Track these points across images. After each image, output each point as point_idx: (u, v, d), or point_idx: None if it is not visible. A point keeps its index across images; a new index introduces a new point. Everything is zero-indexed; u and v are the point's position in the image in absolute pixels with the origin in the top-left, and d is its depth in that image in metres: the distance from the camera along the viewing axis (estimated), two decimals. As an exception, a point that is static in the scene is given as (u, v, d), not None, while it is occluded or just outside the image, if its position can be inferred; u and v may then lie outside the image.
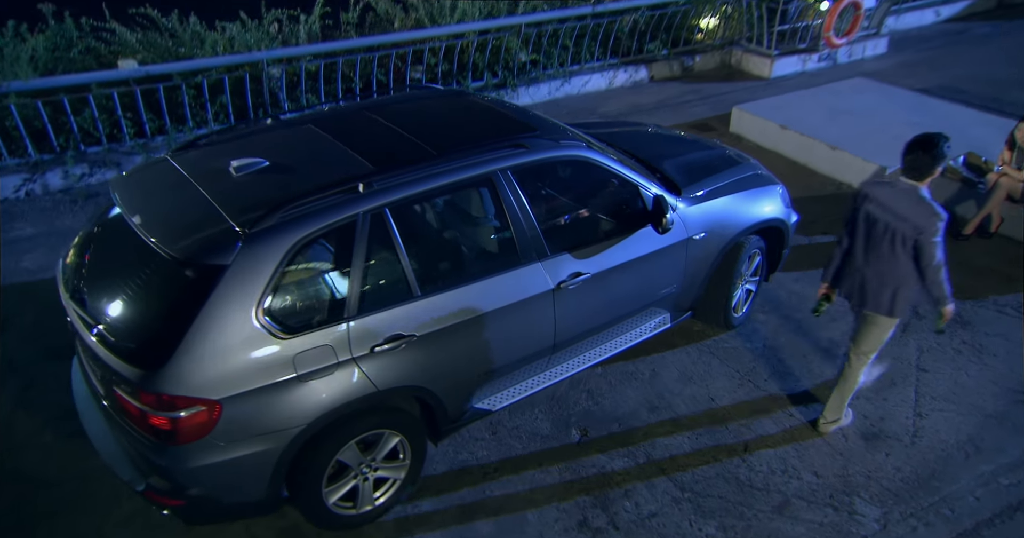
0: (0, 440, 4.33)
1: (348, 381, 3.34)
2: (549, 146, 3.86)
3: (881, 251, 3.76)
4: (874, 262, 3.80)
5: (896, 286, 3.77)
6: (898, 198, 3.68)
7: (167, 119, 7.31)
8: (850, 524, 3.77)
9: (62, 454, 4.23)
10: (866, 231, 3.81)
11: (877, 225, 3.75)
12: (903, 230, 3.65)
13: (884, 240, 3.73)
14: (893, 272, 3.75)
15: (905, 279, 3.75)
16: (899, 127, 7.24)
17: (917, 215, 3.60)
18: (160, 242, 3.16)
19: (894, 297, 3.80)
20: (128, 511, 3.87)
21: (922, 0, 11.23)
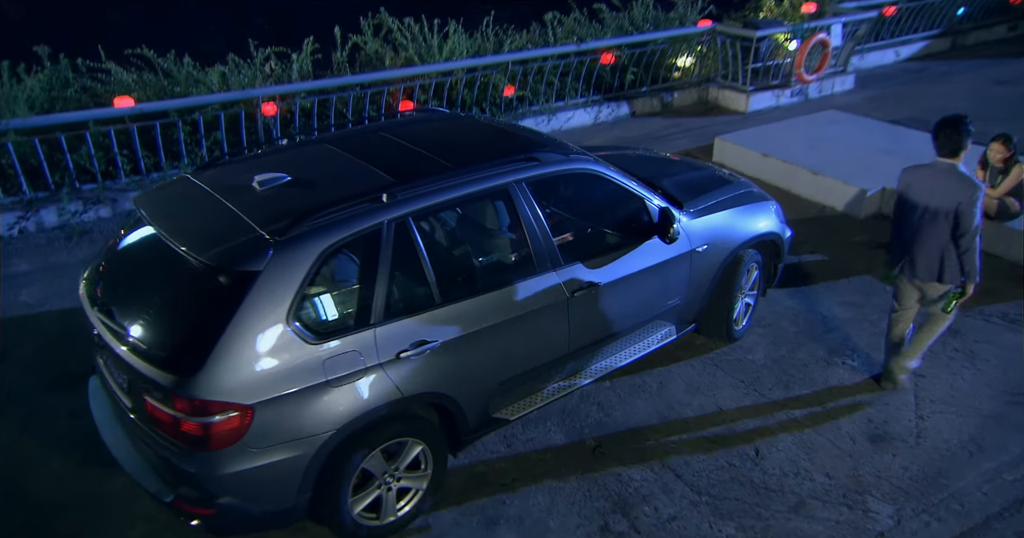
0: (8, 465, 4.28)
1: (375, 387, 3.39)
2: (560, 160, 4.02)
3: (926, 226, 4.19)
4: (922, 236, 4.22)
5: (941, 256, 4.20)
6: (937, 176, 4.13)
7: (162, 156, 7.39)
8: (865, 521, 3.85)
9: (73, 478, 4.19)
10: (911, 209, 4.24)
11: (920, 203, 4.19)
12: (945, 204, 4.08)
13: (927, 215, 4.17)
14: (938, 243, 4.18)
15: (948, 248, 4.18)
16: (874, 154, 7.58)
17: (957, 188, 4.05)
18: (193, 250, 3.23)
19: (941, 266, 4.23)
20: (143, 532, 3.83)
21: (883, 41, 11.79)
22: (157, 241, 3.45)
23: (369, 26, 8.51)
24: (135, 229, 3.75)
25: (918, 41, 12.15)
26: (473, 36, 8.94)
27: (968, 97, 10.06)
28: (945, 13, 12.23)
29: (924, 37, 12.20)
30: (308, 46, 8.10)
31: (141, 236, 3.65)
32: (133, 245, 3.71)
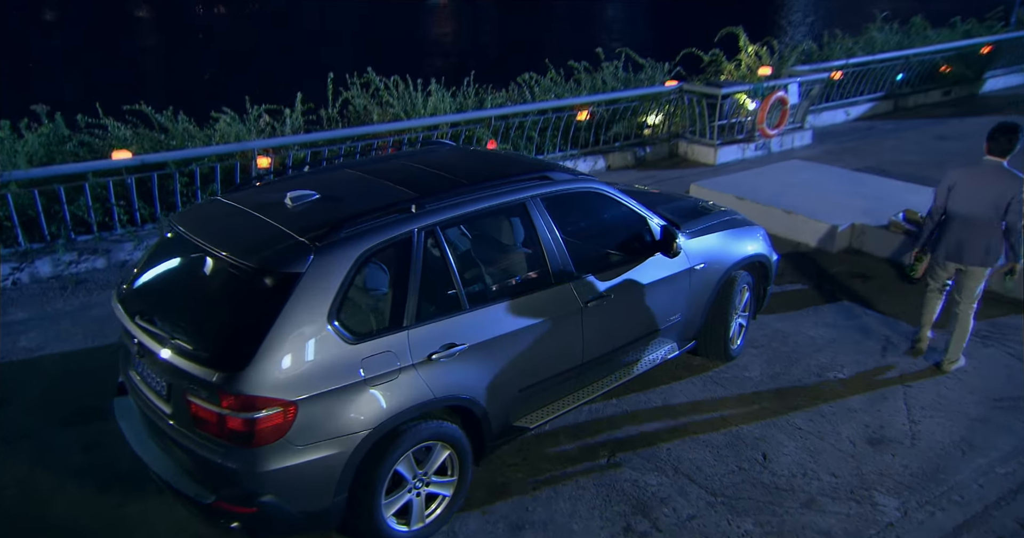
0: (25, 495, 4.25)
1: (409, 387, 3.53)
2: (569, 179, 4.32)
3: (975, 216, 4.85)
4: (971, 226, 4.88)
5: (987, 243, 4.88)
6: (985, 173, 4.85)
7: (158, 207, 7.54)
8: (874, 514, 4.03)
9: (91, 504, 4.18)
10: (961, 202, 4.90)
11: (970, 197, 4.85)
12: (993, 196, 4.75)
13: (977, 207, 4.83)
14: (985, 231, 4.86)
15: (993, 236, 4.86)
16: (840, 195, 8.08)
17: (1005, 182, 4.75)
18: (237, 256, 3.40)
19: (987, 251, 4.89)
20: (172, 548, 3.83)
21: (834, 102, 12.62)
22: (196, 251, 3.62)
23: (357, 84, 8.91)
24: (169, 245, 3.90)
25: (865, 103, 13.02)
26: (455, 95, 9.40)
27: (915, 150, 10.78)
28: (886, 78, 13.17)
29: (870, 99, 13.08)
30: (300, 104, 8.44)
31: (178, 249, 3.80)
32: (169, 258, 3.85)
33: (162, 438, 3.63)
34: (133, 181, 7.32)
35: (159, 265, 3.89)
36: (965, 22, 15.08)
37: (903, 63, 13.14)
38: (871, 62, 12.59)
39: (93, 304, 6.63)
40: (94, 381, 5.34)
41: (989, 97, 14.58)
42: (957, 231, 4.97)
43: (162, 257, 3.90)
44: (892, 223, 7.11)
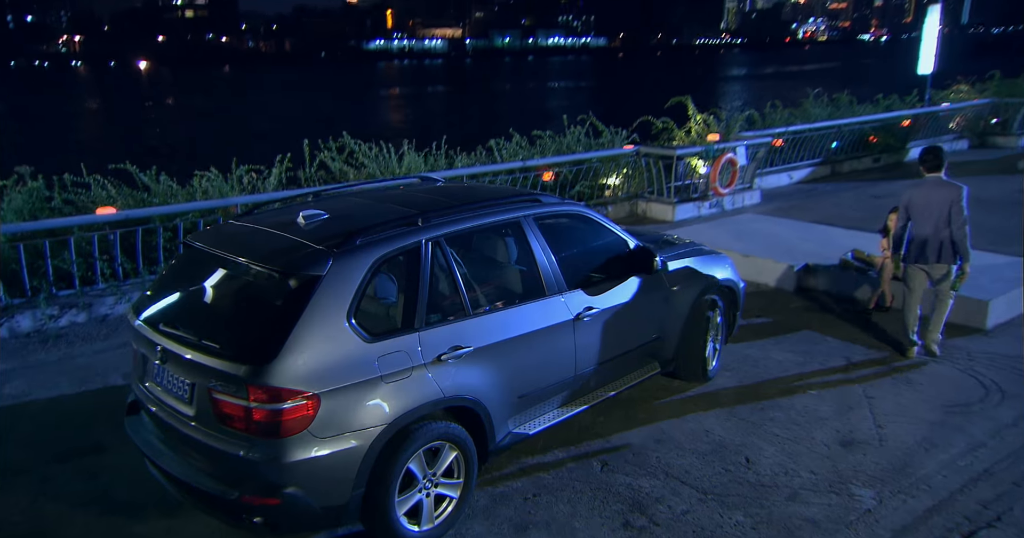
0: (32, 522, 4.29)
1: (420, 385, 3.77)
2: (557, 202, 4.73)
3: (932, 222, 5.78)
4: (936, 231, 5.79)
5: (943, 243, 5.79)
6: (932, 186, 5.85)
7: (140, 262, 7.69)
8: (852, 502, 4.32)
9: (98, 525, 4.23)
10: (919, 213, 5.85)
11: (923, 207, 5.82)
12: (942, 204, 5.71)
13: (935, 215, 5.75)
14: (940, 234, 5.77)
15: (946, 237, 5.78)
16: (793, 242, 8.67)
17: (948, 191, 5.75)
18: (262, 262, 3.68)
19: (943, 250, 5.82)
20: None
21: (778, 167, 13.52)
22: (218, 262, 3.88)
23: (333, 147, 9.35)
24: (187, 261, 4.14)
25: (806, 167, 13.96)
26: (426, 157, 9.89)
27: (855, 207, 11.58)
28: (822, 145, 14.20)
29: (809, 164, 14.04)
30: (280, 165, 8.81)
31: (197, 263, 4.05)
32: (189, 272, 4.09)
33: (181, 443, 3.76)
34: (117, 236, 7.50)
35: (178, 279, 4.11)
36: (886, 98, 16.42)
37: (836, 132, 14.21)
38: (808, 130, 13.61)
39: (76, 354, 6.68)
40: (84, 423, 5.41)
41: (914, 164, 15.62)
42: (920, 237, 5.90)
43: (181, 272, 4.13)
44: (843, 261, 7.67)
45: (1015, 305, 6.99)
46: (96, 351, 6.74)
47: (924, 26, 16.36)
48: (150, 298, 4.12)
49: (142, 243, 7.69)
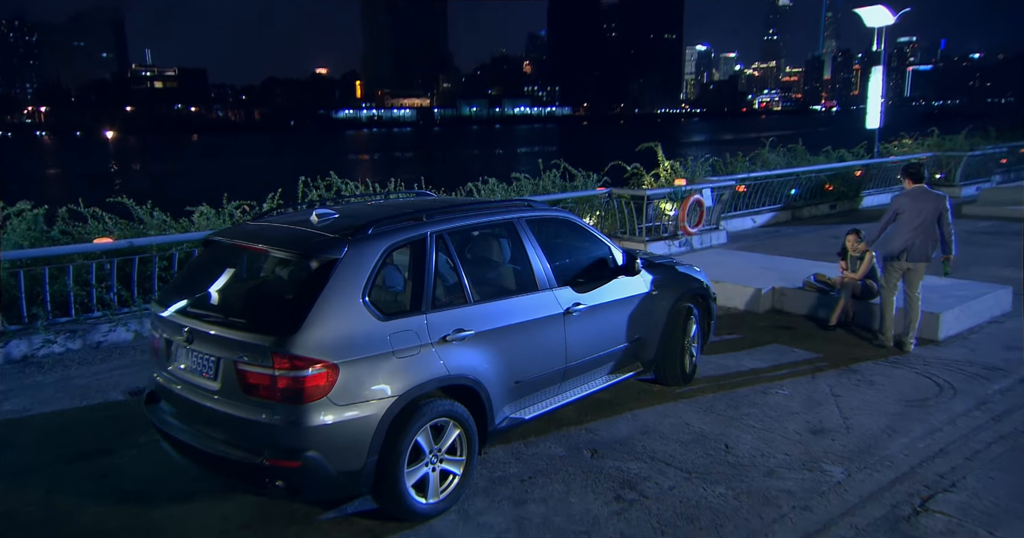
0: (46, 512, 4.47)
1: (427, 362, 4.11)
2: (546, 208, 5.18)
3: (922, 226, 6.73)
4: (920, 233, 6.73)
5: (927, 244, 6.76)
6: (917, 194, 6.88)
7: (135, 291, 7.94)
8: (824, 477, 4.68)
9: (115, 513, 4.44)
10: (910, 217, 6.78)
11: (914, 213, 6.78)
12: (928, 210, 6.73)
13: (920, 219, 6.74)
14: (927, 236, 6.75)
15: (930, 239, 6.77)
16: (760, 271, 9.20)
17: (934, 199, 6.79)
18: (285, 248, 4.05)
19: (927, 251, 6.78)
20: None
21: (742, 211, 14.24)
22: (241, 252, 4.24)
23: (322, 186, 9.78)
24: (209, 254, 4.49)
25: (768, 212, 14.71)
26: (410, 196, 10.36)
27: (816, 244, 12.23)
28: (782, 192, 15.01)
29: (771, 209, 14.80)
30: (273, 199, 9.21)
31: (219, 255, 4.41)
32: (211, 263, 4.43)
33: (207, 418, 4.02)
34: (114, 265, 7.77)
35: (201, 271, 4.45)
36: (836, 150, 17.44)
37: (794, 179, 15.04)
38: (769, 176, 14.41)
39: (73, 376, 6.85)
40: (88, 432, 5.61)
41: (868, 210, 16.63)
42: (908, 239, 6.79)
43: (203, 265, 4.48)
44: (807, 283, 8.19)
45: (963, 319, 7.53)
46: (93, 373, 6.92)
47: (869, 84, 17.53)
48: (174, 290, 4.43)
49: (138, 273, 7.95)
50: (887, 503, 4.38)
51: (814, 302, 8.06)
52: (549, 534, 4.11)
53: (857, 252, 7.72)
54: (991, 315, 7.90)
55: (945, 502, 4.38)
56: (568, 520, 4.24)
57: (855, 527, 4.15)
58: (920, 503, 4.37)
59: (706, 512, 4.31)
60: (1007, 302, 8.14)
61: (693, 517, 4.26)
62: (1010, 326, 7.67)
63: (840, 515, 4.27)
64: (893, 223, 7.01)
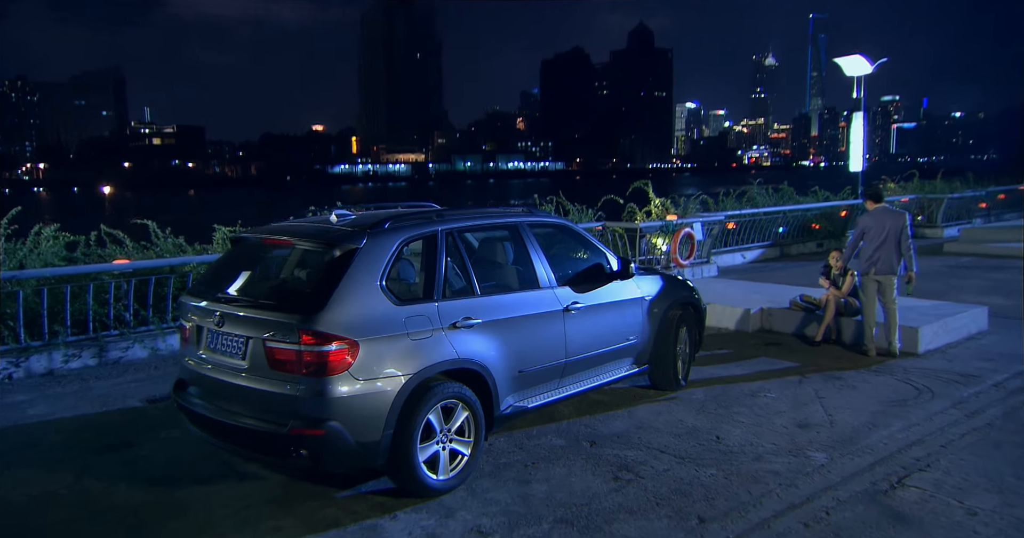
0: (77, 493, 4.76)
1: (439, 345, 4.48)
2: (546, 215, 5.62)
3: (885, 241, 7.35)
4: (884, 249, 7.37)
5: (892, 259, 7.37)
6: (879, 214, 7.54)
7: (150, 311, 8.28)
8: (808, 462, 5.00)
9: (141, 493, 4.71)
10: (875, 234, 7.42)
11: (878, 231, 7.41)
12: (890, 227, 7.35)
13: (884, 235, 7.37)
14: (890, 251, 7.37)
15: (895, 253, 7.37)
16: (749, 294, 9.62)
17: (895, 217, 7.44)
18: (310, 239, 4.47)
19: (892, 264, 7.36)
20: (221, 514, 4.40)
21: (732, 247, 14.73)
22: (268, 244, 4.66)
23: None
24: (236, 249, 4.91)
25: (757, 249, 15.21)
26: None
27: (803, 277, 12.62)
28: (770, 230, 15.54)
29: (760, 246, 15.30)
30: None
31: (246, 249, 4.82)
32: (239, 255, 4.84)
33: (235, 394, 4.35)
34: (131, 284, 8.13)
35: (229, 265, 4.85)
36: (821, 191, 18.07)
37: (782, 217, 15.59)
38: (756, 214, 14.95)
39: (92, 388, 7.14)
40: (112, 430, 5.90)
41: (856, 250, 17.14)
42: (874, 254, 7.45)
43: (230, 260, 4.89)
44: (793, 303, 8.60)
45: (942, 335, 7.92)
46: (111, 385, 7.21)
47: (851, 129, 18.28)
48: (205, 282, 4.81)
49: (154, 294, 8.31)
50: (867, 481, 4.70)
51: (801, 320, 8.44)
52: (552, 506, 4.40)
53: (838, 269, 8.15)
54: (968, 332, 8.29)
55: (920, 479, 4.71)
56: (570, 495, 4.54)
57: (837, 499, 4.46)
58: (897, 480, 4.70)
59: (698, 488, 4.62)
60: (983, 321, 8.55)
61: (686, 492, 4.57)
62: (986, 342, 8.06)
63: (823, 490, 4.58)
64: (862, 240, 7.60)
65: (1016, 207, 21.66)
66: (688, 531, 4.11)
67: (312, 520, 4.28)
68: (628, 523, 4.20)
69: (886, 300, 7.50)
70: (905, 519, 4.22)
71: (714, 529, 4.13)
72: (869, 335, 7.59)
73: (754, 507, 4.37)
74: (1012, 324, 8.74)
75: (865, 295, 7.66)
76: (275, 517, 4.34)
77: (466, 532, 4.14)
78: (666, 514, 4.30)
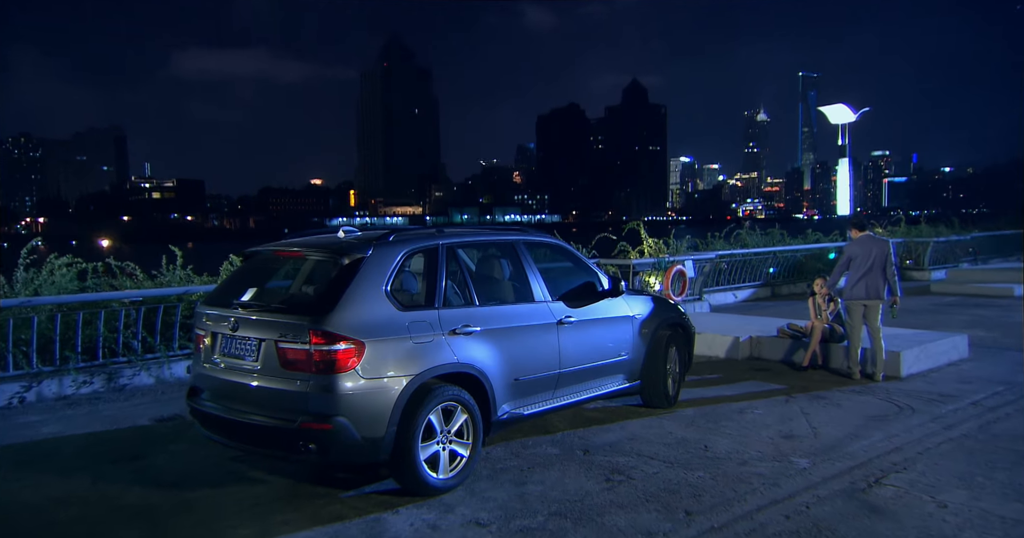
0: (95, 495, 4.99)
1: (440, 349, 4.78)
2: (542, 235, 5.98)
3: (871, 267, 7.72)
4: (871, 275, 7.73)
5: (878, 284, 7.73)
6: (864, 241, 7.90)
7: (158, 338, 8.55)
8: (791, 466, 5.25)
9: (156, 494, 4.94)
10: (861, 261, 7.79)
11: (864, 257, 7.78)
12: (876, 254, 7.72)
13: (870, 261, 7.74)
14: (876, 277, 7.73)
15: (880, 279, 7.73)
16: (738, 324, 9.92)
17: (880, 244, 7.82)
18: (321, 249, 4.81)
19: (879, 290, 7.71)
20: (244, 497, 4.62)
21: (724, 286, 15.08)
22: (280, 256, 4.99)
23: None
24: (250, 261, 5.24)
25: (748, 288, 15.55)
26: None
27: (793, 313, 12.94)
28: (761, 270, 15.92)
29: (752, 286, 15.65)
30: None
31: (260, 261, 5.16)
32: (250, 271, 5.17)
33: (248, 394, 4.63)
34: (141, 313, 8.42)
35: (242, 276, 5.17)
36: (813, 233, 18.54)
37: (772, 257, 15.99)
38: (747, 254, 15.35)
39: (101, 410, 7.37)
40: (123, 445, 6.13)
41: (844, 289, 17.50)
42: (861, 279, 7.79)
43: (243, 272, 5.23)
44: (780, 331, 8.90)
45: (924, 360, 8.21)
46: (119, 407, 7.44)
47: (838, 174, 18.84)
48: (219, 293, 5.13)
49: (162, 322, 8.59)
50: (846, 481, 4.95)
51: (788, 347, 8.73)
52: (547, 503, 4.64)
53: (823, 295, 8.49)
54: (949, 359, 8.58)
55: (896, 479, 4.96)
56: (563, 494, 4.78)
57: (817, 496, 4.70)
58: (875, 480, 4.95)
59: (686, 488, 4.86)
60: (964, 348, 8.84)
61: (675, 491, 4.81)
62: (966, 367, 8.34)
63: (804, 489, 4.83)
64: (847, 268, 7.93)
65: (1002, 252, 22.17)
66: (675, 522, 4.34)
67: (318, 515, 4.51)
68: (619, 515, 4.44)
69: (872, 325, 7.81)
70: (880, 511, 4.46)
71: (700, 520, 4.36)
72: (854, 358, 7.88)
73: (738, 502, 4.61)
74: (992, 352, 9.05)
75: (851, 320, 7.96)
76: (283, 512, 4.56)
77: (465, 523, 4.36)
78: (655, 508, 4.53)
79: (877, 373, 7.75)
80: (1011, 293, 14.52)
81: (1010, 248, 22.27)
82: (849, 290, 7.92)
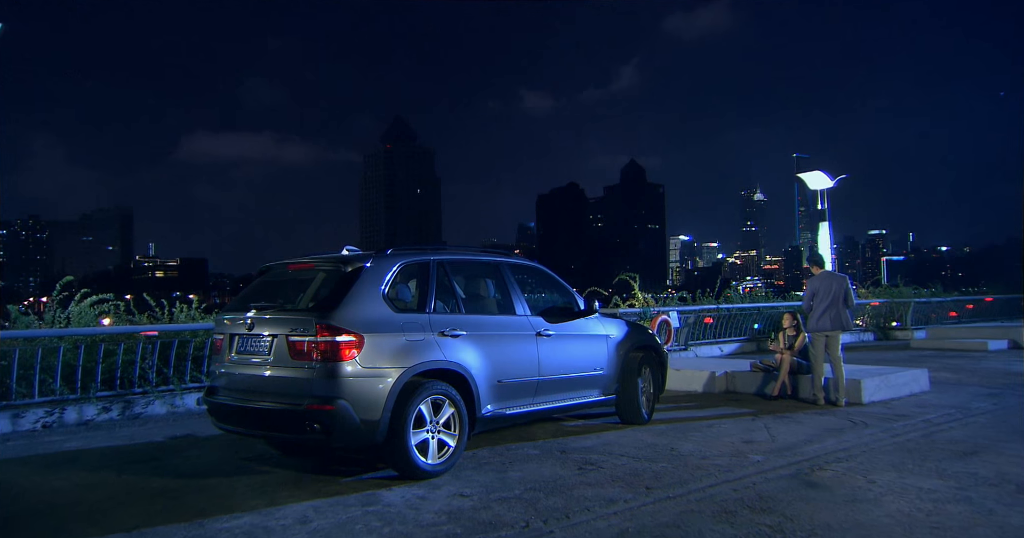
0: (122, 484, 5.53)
1: (430, 347, 5.47)
2: (525, 259, 6.74)
3: (832, 301, 8.53)
4: (833, 307, 8.52)
5: (840, 316, 8.56)
6: (825, 277, 8.78)
7: (171, 370, 9.18)
8: (746, 460, 5.84)
9: (175, 482, 5.52)
10: (823, 295, 8.60)
11: (826, 292, 8.59)
12: (836, 288, 8.55)
13: (831, 296, 8.54)
14: (838, 310, 8.54)
15: (842, 312, 8.55)
16: (715, 362, 10.54)
17: (839, 280, 8.70)
18: (327, 262, 5.57)
19: (842, 321, 8.54)
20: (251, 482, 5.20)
21: (710, 340, 15.70)
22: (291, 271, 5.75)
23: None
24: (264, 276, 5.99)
25: (734, 343, 16.16)
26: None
27: (776, 365, 13.62)
28: (746, 325, 16.58)
29: (737, 340, 16.26)
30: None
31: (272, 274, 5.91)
32: (265, 282, 5.91)
33: (260, 383, 5.28)
34: (157, 346, 9.08)
35: (257, 287, 5.90)
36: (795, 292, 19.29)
37: (757, 313, 16.68)
38: (732, 309, 16.04)
39: (118, 432, 7.94)
40: (142, 453, 6.70)
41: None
42: (825, 312, 8.56)
43: (258, 284, 5.96)
44: (753, 365, 9.54)
45: (884, 389, 8.81)
46: (135, 429, 8.02)
47: (819, 236, 19.75)
48: (237, 301, 5.85)
49: (176, 356, 9.24)
50: (793, 469, 5.54)
51: (761, 381, 9.34)
52: (524, 483, 5.22)
53: (792, 330, 9.16)
54: (911, 391, 9.17)
55: (837, 467, 5.56)
56: (539, 477, 5.37)
57: (765, 478, 5.29)
58: (818, 467, 5.53)
59: (649, 473, 5.45)
60: (925, 381, 9.45)
61: (639, 474, 5.40)
62: (926, 398, 8.94)
63: (755, 474, 5.42)
64: (811, 301, 8.61)
65: (985, 316, 22.84)
66: (636, 493, 4.93)
67: (320, 492, 5.09)
68: (587, 490, 5.02)
69: (833, 353, 8.46)
70: (816, 485, 5.05)
71: (658, 492, 4.95)
72: (818, 384, 8.50)
73: (694, 482, 5.20)
74: (954, 387, 9.66)
75: (814, 349, 8.62)
76: (288, 490, 5.14)
77: (451, 496, 4.94)
78: (620, 486, 5.12)
79: (840, 399, 8.33)
80: (984, 347, 15.16)
81: (991, 312, 23.01)
82: (815, 322, 8.64)
